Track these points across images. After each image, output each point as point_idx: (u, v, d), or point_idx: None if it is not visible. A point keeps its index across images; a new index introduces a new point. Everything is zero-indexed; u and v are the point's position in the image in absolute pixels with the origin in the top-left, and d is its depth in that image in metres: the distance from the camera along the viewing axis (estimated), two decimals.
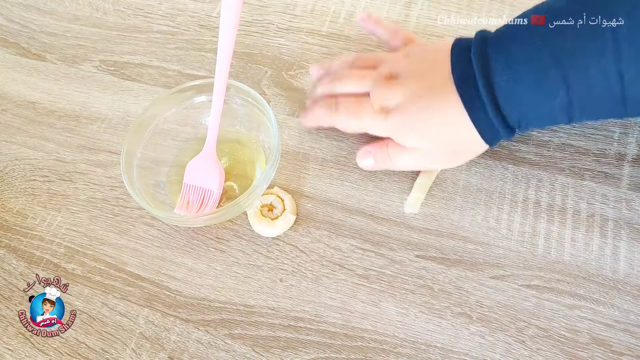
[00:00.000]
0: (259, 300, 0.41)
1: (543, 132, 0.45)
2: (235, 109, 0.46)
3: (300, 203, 0.45)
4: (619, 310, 0.38)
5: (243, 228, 0.44)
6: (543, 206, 0.42)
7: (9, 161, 0.51)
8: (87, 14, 0.59)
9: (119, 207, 0.47)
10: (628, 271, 0.39)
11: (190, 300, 0.42)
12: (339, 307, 0.40)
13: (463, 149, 0.40)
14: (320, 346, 0.39)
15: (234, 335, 0.40)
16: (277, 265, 0.43)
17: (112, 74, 0.55)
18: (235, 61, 0.53)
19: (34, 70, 0.56)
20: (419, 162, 0.41)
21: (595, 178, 0.42)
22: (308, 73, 0.51)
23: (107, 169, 0.49)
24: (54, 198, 0.48)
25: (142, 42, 0.56)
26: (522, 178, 0.43)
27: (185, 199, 0.44)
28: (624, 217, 0.41)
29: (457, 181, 0.44)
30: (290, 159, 0.47)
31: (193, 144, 0.47)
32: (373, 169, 0.44)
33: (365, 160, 0.44)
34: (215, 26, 0.56)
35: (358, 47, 0.52)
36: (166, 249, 0.44)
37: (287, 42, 0.54)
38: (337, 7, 0.55)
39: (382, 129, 0.41)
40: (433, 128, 0.39)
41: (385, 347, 0.39)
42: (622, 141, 0.44)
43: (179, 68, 0.54)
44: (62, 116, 0.53)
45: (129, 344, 0.41)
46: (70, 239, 0.46)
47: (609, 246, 0.40)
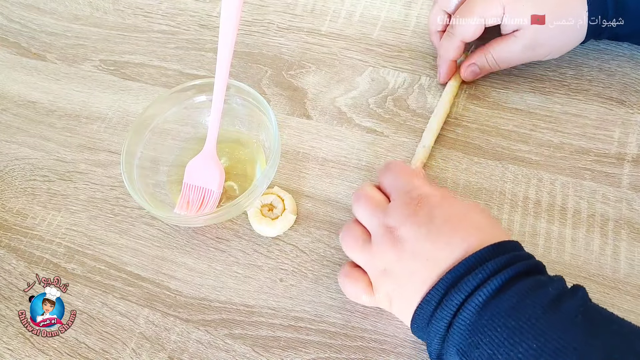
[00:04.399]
0: (259, 300, 0.41)
1: (543, 132, 0.45)
2: (235, 108, 0.46)
3: (300, 203, 0.45)
4: (619, 310, 0.38)
5: (243, 228, 0.44)
6: (543, 206, 0.42)
7: (9, 161, 0.51)
8: (87, 14, 0.59)
9: (119, 206, 0.47)
10: (628, 271, 0.39)
11: (191, 300, 0.42)
12: (339, 307, 0.40)
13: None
14: (320, 346, 0.39)
15: (234, 335, 0.40)
16: (277, 265, 0.43)
17: (112, 73, 0.55)
18: (236, 61, 0.53)
19: (34, 69, 0.56)
20: (524, 48, 0.43)
21: (595, 178, 0.42)
22: (308, 73, 0.51)
23: (107, 169, 0.49)
24: (54, 198, 0.48)
25: (142, 42, 0.56)
26: (522, 178, 0.43)
27: (185, 199, 0.44)
28: (624, 217, 0.41)
29: (457, 181, 0.44)
30: (290, 159, 0.47)
31: (193, 143, 0.47)
32: (478, 76, 0.46)
33: (470, 69, 0.45)
34: (215, 26, 0.56)
35: (358, 46, 0.52)
36: (166, 249, 0.44)
37: (287, 41, 0.54)
38: (337, 6, 0.55)
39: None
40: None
41: (385, 347, 0.39)
42: (622, 141, 0.44)
43: (179, 68, 0.54)
44: (62, 116, 0.53)
45: (129, 344, 0.41)
46: (70, 238, 0.46)
47: (610, 246, 0.40)
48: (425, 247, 0.33)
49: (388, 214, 0.35)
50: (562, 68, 0.47)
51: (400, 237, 0.34)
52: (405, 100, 0.48)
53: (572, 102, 0.46)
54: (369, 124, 0.48)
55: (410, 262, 0.33)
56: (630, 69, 0.46)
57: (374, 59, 0.51)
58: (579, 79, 0.47)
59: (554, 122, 0.45)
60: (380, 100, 0.49)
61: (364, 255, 0.36)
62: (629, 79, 0.46)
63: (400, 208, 0.35)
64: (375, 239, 0.36)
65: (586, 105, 0.45)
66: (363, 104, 0.49)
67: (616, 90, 0.46)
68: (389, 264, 0.34)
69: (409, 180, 0.37)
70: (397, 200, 0.36)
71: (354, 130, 0.48)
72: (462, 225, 0.33)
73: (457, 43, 0.44)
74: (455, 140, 0.45)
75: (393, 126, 0.47)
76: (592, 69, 0.47)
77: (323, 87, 0.50)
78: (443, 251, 0.33)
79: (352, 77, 0.50)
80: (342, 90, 0.50)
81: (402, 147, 0.46)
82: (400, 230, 0.34)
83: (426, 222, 0.34)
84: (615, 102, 0.45)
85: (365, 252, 0.36)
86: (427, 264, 0.33)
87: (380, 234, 0.35)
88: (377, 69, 0.50)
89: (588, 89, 0.46)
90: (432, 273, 0.32)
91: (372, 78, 0.50)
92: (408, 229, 0.34)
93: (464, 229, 0.33)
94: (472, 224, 0.34)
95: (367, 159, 0.46)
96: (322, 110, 0.49)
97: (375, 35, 0.52)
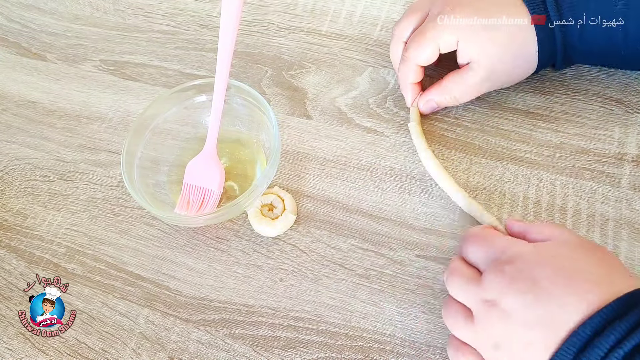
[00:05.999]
0: (259, 300, 0.41)
1: (543, 132, 0.45)
2: (235, 108, 0.46)
3: (300, 203, 0.45)
4: None
5: (243, 228, 0.44)
6: (543, 206, 0.42)
7: (9, 161, 0.51)
8: (87, 14, 0.59)
9: (119, 206, 0.47)
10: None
11: (191, 300, 0.42)
12: (339, 307, 0.40)
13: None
14: (320, 346, 0.39)
15: (234, 335, 0.40)
16: (277, 265, 0.43)
17: (112, 73, 0.55)
18: (236, 61, 0.53)
19: (34, 70, 0.56)
20: (482, 80, 0.42)
21: (595, 178, 0.42)
22: (308, 73, 0.51)
23: (108, 169, 0.49)
24: (54, 198, 0.48)
25: (142, 42, 0.56)
26: (522, 178, 0.43)
27: (185, 199, 0.44)
28: (624, 217, 0.41)
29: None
30: (290, 159, 0.47)
31: (193, 143, 0.47)
32: (436, 109, 0.46)
33: (428, 105, 0.45)
34: (215, 26, 0.56)
35: (358, 46, 0.52)
36: (166, 249, 0.44)
37: (287, 41, 0.54)
38: (337, 6, 0.55)
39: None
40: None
41: (385, 347, 0.39)
42: (622, 141, 0.44)
43: (179, 68, 0.54)
44: (62, 116, 0.53)
45: (129, 344, 0.41)
46: (70, 238, 0.46)
47: (610, 246, 0.40)
48: (538, 313, 0.30)
49: (483, 287, 0.32)
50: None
51: (505, 309, 0.31)
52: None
53: (572, 102, 0.46)
54: (369, 124, 0.48)
55: (524, 334, 0.30)
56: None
57: (374, 59, 0.51)
58: (578, 79, 0.47)
59: (554, 122, 0.45)
60: (380, 100, 0.49)
61: (470, 334, 0.33)
62: (628, 78, 0.46)
63: (495, 278, 0.32)
64: (477, 315, 0.32)
65: (586, 105, 0.45)
66: (363, 104, 0.49)
67: (616, 90, 0.46)
68: (500, 339, 0.31)
69: (491, 244, 0.34)
70: (489, 271, 0.33)
71: (354, 130, 0.48)
72: (574, 281, 0.30)
73: (413, 67, 0.43)
74: (455, 140, 0.45)
75: (393, 126, 0.47)
76: (591, 68, 0.47)
77: (323, 87, 0.50)
78: (561, 315, 0.29)
79: (352, 77, 0.50)
80: (342, 90, 0.50)
81: (402, 147, 0.46)
82: (502, 302, 0.31)
83: (530, 288, 0.30)
84: (615, 102, 0.45)
85: (470, 330, 0.33)
86: (544, 332, 0.30)
87: (481, 310, 0.32)
88: (377, 69, 0.50)
89: (588, 89, 0.46)
90: (552, 340, 0.29)
91: (372, 78, 0.50)
92: (512, 299, 0.31)
93: (577, 285, 0.30)
94: (586, 277, 0.30)
95: (367, 159, 0.46)
96: (322, 110, 0.49)
97: (376, 35, 0.52)
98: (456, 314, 0.34)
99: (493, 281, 0.32)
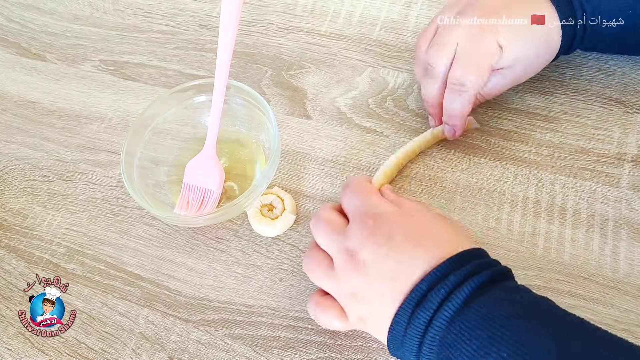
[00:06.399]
0: (258, 300, 0.41)
1: (543, 132, 0.45)
2: (235, 108, 0.46)
3: (300, 203, 0.45)
4: (619, 310, 0.38)
5: (243, 228, 0.44)
6: (543, 206, 0.42)
7: (9, 161, 0.51)
8: (87, 14, 0.59)
9: (118, 207, 0.47)
10: (628, 271, 0.39)
11: (190, 300, 0.42)
12: None
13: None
14: (320, 346, 0.39)
15: (234, 335, 0.40)
16: (277, 265, 0.43)
17: (112, 73, 0.55)
18: (235, 61, 0.53)
19: (34, 70, 0.56)
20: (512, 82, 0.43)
21: (595, 178, 0.42)
22: (308, 73, 0.51)
23: (107, 169, 0.49)
24: (54, 198, 0.48)
25: (142, 42, 0.56)
26: (522, 178, 0.43)
27: (185, 199, 0.44)
28: (624, 217, 0.41)
29: (457, 181, 0.44)
30: (290, 159, 0.47)
31: (193, 143, 0.47)
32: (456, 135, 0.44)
33: (447, 128, 0.43)
34: (215, 26, 0.56)
35: (357, 46, 0.52)
36: (166, 249, 0.44)
37: (287, 41, 0.54)
38: (337, 7, 0.55)
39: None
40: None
41: (385, 347, 0.38)
42: (621, 141, 0.44)
43: (179, 68, 0.54)
44: (62, 116, 0.53)
45: (128, 344, 0.41)
46: (70, 238, 0.46)
47: (609, 246, 0.40)
48: (389, 266, 0.32)
49: (347, 236, 0.35)
50: (562, 68, 0.47)
51: (363, 260, 0.33)
52: (405, 101, 0.48)
53: (571, 102, 0.46)
54: (369, 124, 0.48)
55: (377, 284, 0.33)
56: (630, 69, 0.46)
57: (373, 59, 0.51)
58: (578, 79, 0.47)
59: (553, 122, 0.45)
60: (379, 100, 0.49)
61: (330, 282, 0.35)
62: (628, 79, 0.46)
63: (359, 230, 0.34)
64: (337, 264, 0.35)
65: (586, 105, 0.45)
66: (363, 104, 0.49)
67: (615, 90, 0.46)
68: (356, 288, 0.34)
69: (365, 199, 0.36)
70: (355, 222, 0.35)
71: (353, 130, 0.48)
72: (423, 240, 0.33)
73: (470, 99, 0.41)
74: (455, 140, 0.45)
75: (393, 126, 0.47)
76: (591, 69, 0.47)
77: (323, 87, 0.50)
78: (407, 269, 0.32)
79: (352, 77, 0.50)
80: (342, 91, 0.50)
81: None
82: (361, 252, 0.33)
83: (386, 241, 0.33)
84: (615, 102, 0.45)
85: (331, 279, 0.35)
86: (393, 284, 0.32)
87: (342, 259, 0.34)
88: (377, 69, 0.50)
89: (587, 89, 0.46)
90: (399, 292, 0.32)
91: (372, 78, 0.50)
92: (369, 250, 0.33)
93: (425, 243, 0.33)
94: (434, 237, 0.33)
95: (367, 159, 0.46)
96: (322, 110, 0.49)
97: (375, 36, 0.52)
98: (319, 262, 0.36)
99: (356, 232, 0.34)
